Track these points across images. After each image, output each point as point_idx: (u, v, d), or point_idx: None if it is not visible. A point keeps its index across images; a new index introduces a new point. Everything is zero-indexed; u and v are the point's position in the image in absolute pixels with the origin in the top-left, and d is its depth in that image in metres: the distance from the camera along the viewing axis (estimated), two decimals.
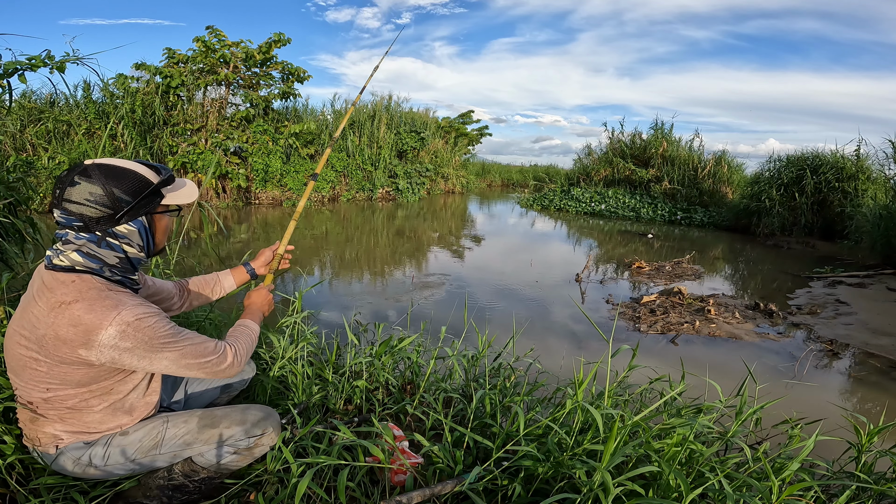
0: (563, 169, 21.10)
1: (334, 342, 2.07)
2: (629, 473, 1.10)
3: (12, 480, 1.19)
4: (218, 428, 1.24)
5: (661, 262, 6.52)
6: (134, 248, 1.09)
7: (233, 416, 1.27)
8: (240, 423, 1.26)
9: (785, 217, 9.55)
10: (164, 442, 1.20)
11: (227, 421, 1.26)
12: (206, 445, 1.23)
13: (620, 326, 4.09)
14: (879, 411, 2.91)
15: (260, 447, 1.28)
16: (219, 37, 10.37)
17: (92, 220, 1.02)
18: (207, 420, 1.25)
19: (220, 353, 1.17)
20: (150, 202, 1.10)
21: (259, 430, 1.27)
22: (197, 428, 1.24)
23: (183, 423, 1.24)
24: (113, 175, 1.04)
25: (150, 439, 1.20)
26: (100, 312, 0.99)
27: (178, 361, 1.08)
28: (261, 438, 1.28)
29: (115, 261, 1.07)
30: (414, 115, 15.63)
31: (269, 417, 1.31)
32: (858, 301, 5.12)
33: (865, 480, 1.37)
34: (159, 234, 1.17)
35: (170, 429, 1.23)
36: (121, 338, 1.00)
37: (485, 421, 1.60)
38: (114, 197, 1.03)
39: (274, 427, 1.30)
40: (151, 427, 1.21)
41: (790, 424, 1.67)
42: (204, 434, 1.23)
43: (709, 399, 1.72)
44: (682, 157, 13.66)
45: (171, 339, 1.06)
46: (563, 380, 2.07)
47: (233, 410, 1.29)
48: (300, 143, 11.76)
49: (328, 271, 5.76)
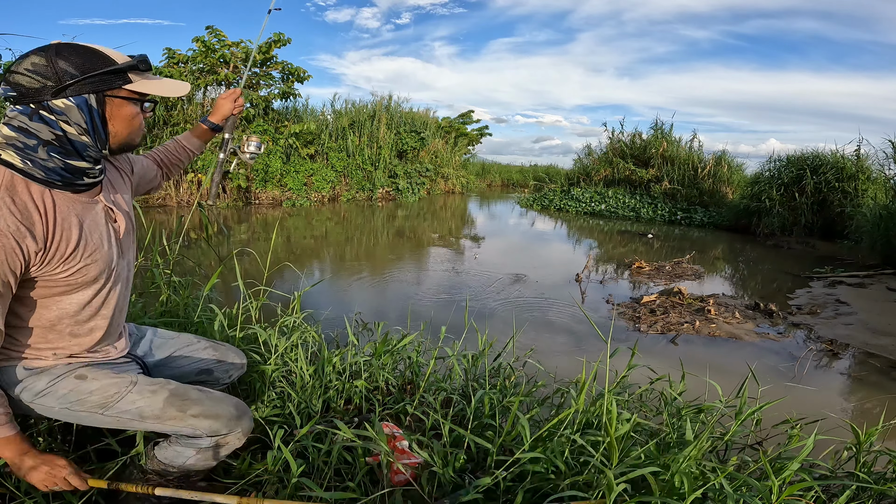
0: (563, 169, 21.09)
1: (334, 341, 2.07)
2: (633, 474, 1.10)
3: (11, 484, 1.19)
4: (185, 413, 1.12)
5: (661, 262, 6.52)
6: (73, 129, 0.93)
7: (206, 404, 1.15)
8: (211, 417, 1.14)
9: (785, 217, 9.55)
10: (116, 406, 1.09)
11: (197, 408, 1.13)
12: (162, 427, 1.11)
13: (620, 326, 4.08)
14: (880, 411, 2.91)
15: (224, 447, 1.19)
16: (219, 37, 10.37)
17: (27, 90, 0.90)
18: (177, 400, 1.12)
19: None
20: (105, 82, 0.95)
21: (226, 430, 1.16)
22: (162, 405, 1.11)
23: (150, 392, 1.11)
24: (68, 50, 0.92)
25: (103, 397, 1.08)
26: None
27: None
28: (226, 437, 1.18)
29: (49, 136, 0.92)
30: (414, 115, 15.62)
31: (242, 417, 1.20)
32: (858, 301, 5.12)
33: (866, 480, 1.37)
34: (118, 123, 0.99)
35: (132, 394, 1.10)
36: None
37: (484, 421, 1.60)
38: (56, 68, 0.90)
39: (244, 429, 1.21)
40: (112, 383, 1.09)
41: (790, 424, 1.66)
42: (166, 414, 1.11)
43: (709, 399, 1.72)
44: (682, 157, 13.66)
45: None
46: (564, 380, 2.07)
47: (208, 398, 1.16)
48: (300, 143, 11.76)
49: (328, 271, 5.76)
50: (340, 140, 13.10)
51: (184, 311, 2.06)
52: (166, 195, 10.00)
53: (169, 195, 10.01)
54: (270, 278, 4.15)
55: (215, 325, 1.89)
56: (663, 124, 14.84)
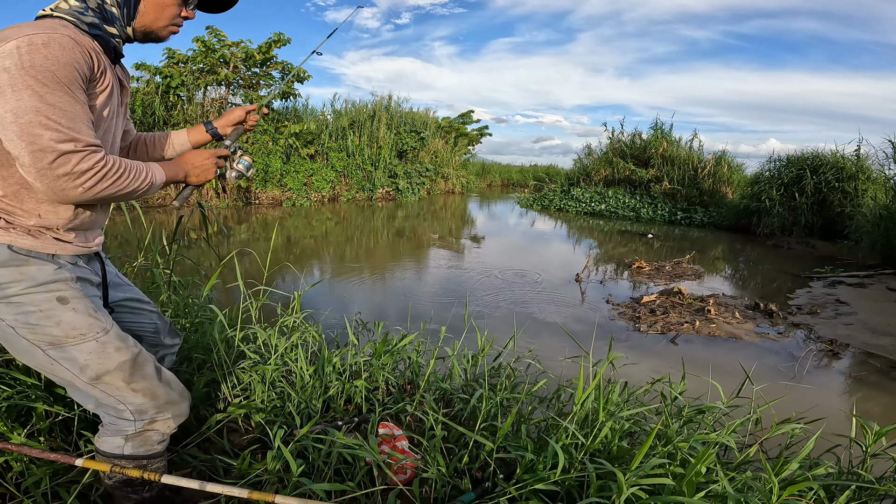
0: (563, 169, 21.11)
1: (334, 341, 2.07)
2: (645, 481, 1.10)
3: (11, 485, 1.19)
4: (126, 385, 1.07)
5: (661, 262, 6.52)
6: (111, 1, 1.01)
7: (152, 381, 1.12)
8: (148, 395, 1.11)
9: (785, 217, 9.55)
10: (69, 349, 1.01)
11: (144, 383, 1.10)
12: (88, 391, 1.06)
13: (620, 326, 4.08)
14: (879, 411, 2.91)
15: (153, 433, 1.16)
16: (219, 37, 10.36)
17: None
18: (130, 369, 1.07)
19: (77, 150, 0.88)
20: None
21: (154, 412, 1.13)
22: (113, 367, 1.05)
23: (113, 349, 1.05)
24: None
25: (64, 332, 0.99)
26: (21, 33, 0.86)
27: (26, 111, 0.84)
28: (154, 423, 1.14)
29: (95, 3, 1.00)
30: (414, 115, 15.61)
31: (180, 402, 1.19)
32: (858, 301, 5.12)
33: (869, 481, 1.37)
34: (146, 8, 1.05)
35: (94, 342, 1.03)
36: (7, 55, 0.83)
37: (487, 422, 1.59)
38: None
39: (175, 414, 1.17)
40: (85, 323, 1.02)
41: (790, 425, 1.66)
42: (108, 379, 1.05)
43: (709, 399, 1.72)
44: (682, 157, 13.66)
45: (49, 85, 0.85)
46: (564, 380, 2.07)
47: (159, 378, 1.14)
48: (300, 143, 11.76)
49: (328, 271, 5.76)
50: (340, 140, 13.09)
51: (184, 311, 2.06)
52: (166, 195, 10.00)
53: (169, 195, 10.01)
54: (270, 278, 4.17)
55: (215, 325, 1.89)
56: (663, 124, 14.87)
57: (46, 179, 0.87)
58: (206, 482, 1.06)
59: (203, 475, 1.43)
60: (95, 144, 0.92)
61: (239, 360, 1.84)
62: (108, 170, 0.93)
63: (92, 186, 0.91)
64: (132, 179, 0.98)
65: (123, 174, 0.96)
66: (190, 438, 1.55)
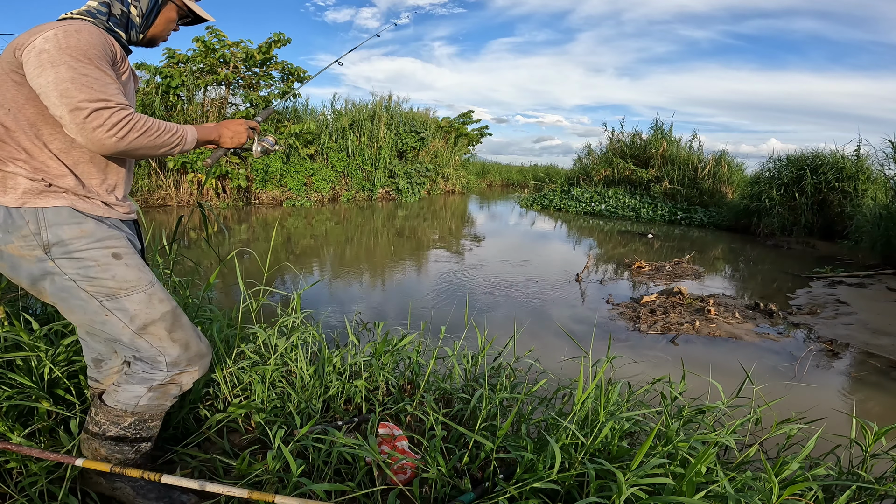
0: (563, 169, 21.10)
1: (334, 341, 2.07)
2: (645, 481, 1.10)
3: (11, 486, 1.19)
4: (168, 335, 1.17)
5: (661, 262, 6.52)
6: (136, 12, 1.19)
7: (188, 333, 1.22)
8: (184, 346, 1.20)
9: (785, 217, 9.54)
10: (121, 300, 1.12)
11: (180, 333, 1.20)
12: (134, 340, 1.15)
13: (620, 326, 4.08)
14: (879, 411, 2.91)
15: (174, 386, 1.22)
16: (219, 37, 10.36)
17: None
18: (173, 319, 1.19)
19: (108, 107, 1.00)
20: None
21: (185, 363, 1.20)
22: (158, 317, 1.16)
23: (158, 301, 1.17)
24: None
25: (118, 284, 1.11)
26: (57, 24, 1.02)
27: (64, 80, 0.97)
28: (181, 375, 1.21)
29: (119, 10, 1.16)
30: (414, 115, 15.61)
31: (205, 357, 1.26)
32: (858, 301, 5.11)
33: (869, 481, 1.37)
34: (160, 21, 1.24)
35: (143, 294, 1.15)
36: (48, 39, 0.99)
37: (487, 422, 1.59)
38: None
39: (201, 368, 1.25)
40: (136, 276, 1.14)
41: (790, 425, 1.66)
42: (154, 328, 1.15)
43: (709, 399, 1.72)
44: (681, 157, 13.65)
45: (83, 60, 1.00)
46: (564, 380, 2.07)
47: (192, 329, 1.24)
48: (300, 143, 11.76)
49: (328, 271, 5.76)
50: (340, 140, 13.09)
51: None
52: (166, 195, 10.00)
53: (169, 195, 10.02)
54: (270, 278, 4.17)
55: (215, 324, 1.89)
56: (663, 124, 14.87)
57: (84, 132, 0.99)
58: (206, 482, 1.06)
59: (203, 475, 1.43)
60: (124, 103, 1.04)
61: (239, 360, 1.84)
62: (136, 122, 1.04)
63: (124, 136, 1.02)
64: (161, 133, 1.09)
65: (152, 127, 1.08)
66: (190, 438, 1.55)
